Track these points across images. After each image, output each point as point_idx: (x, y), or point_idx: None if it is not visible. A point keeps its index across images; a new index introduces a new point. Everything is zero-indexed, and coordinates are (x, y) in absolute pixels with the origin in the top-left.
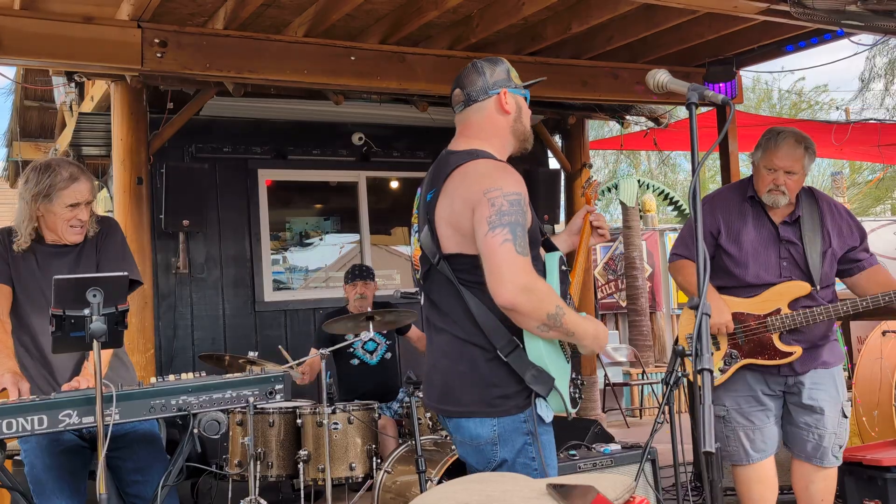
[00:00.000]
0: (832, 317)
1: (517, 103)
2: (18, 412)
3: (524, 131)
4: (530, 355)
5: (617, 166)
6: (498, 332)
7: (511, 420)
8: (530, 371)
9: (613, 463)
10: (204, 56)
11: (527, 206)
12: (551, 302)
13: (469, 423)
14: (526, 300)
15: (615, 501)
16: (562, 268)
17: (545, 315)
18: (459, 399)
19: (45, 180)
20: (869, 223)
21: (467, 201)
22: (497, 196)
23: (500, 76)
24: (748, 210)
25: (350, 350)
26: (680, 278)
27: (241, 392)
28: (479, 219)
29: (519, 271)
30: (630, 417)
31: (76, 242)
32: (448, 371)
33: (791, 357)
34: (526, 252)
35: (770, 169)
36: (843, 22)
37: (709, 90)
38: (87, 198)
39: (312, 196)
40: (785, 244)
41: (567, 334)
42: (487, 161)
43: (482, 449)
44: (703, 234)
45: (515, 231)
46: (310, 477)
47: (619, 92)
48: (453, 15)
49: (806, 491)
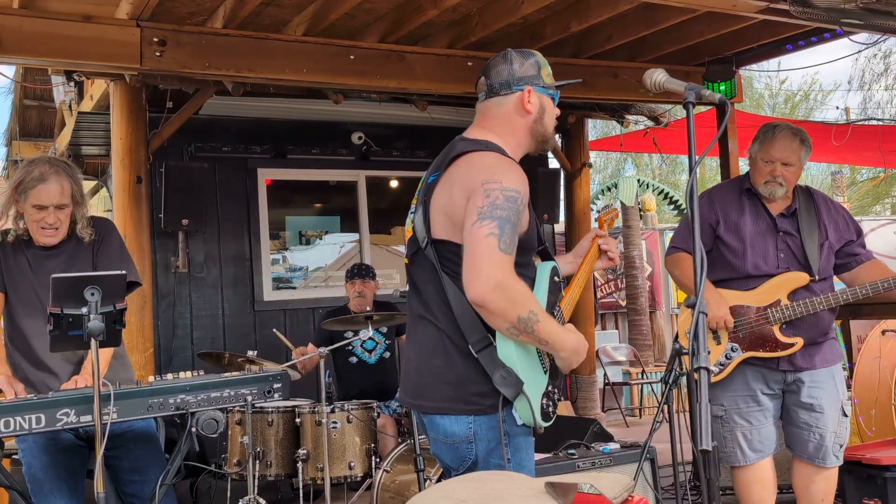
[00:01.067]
0: (832, 305)
1: (541, 104)
2: (16, 411)
3: (544, 133)
4: (500, 354)
5: (620, 165)
6: (473, 326)
7: (487, 419)
8: (499, 371)
9: (612, 462)
10: (203, 55)
11: (524, 207)
12: (524, 306)
13: (444, 420)
14: (497, 298)
15: (614, 500)
16: (554, 279)
17: (516, 318)
18: (434, 395)
19: (19, 175)
20: (869, 222)
21: (465, 190)
22: (495, 188)
23: (529, 72)
24: (745, 202)
25: (349, 348)
26: (677, 271)
27: (240, 391)
28: (470, 208)
29: (496, 268)
30: (629, 417)
31: (48, 245)
32: (423, 365)
33: (793, 348)
34: (509, 251)
35: (767, 161)
36: (842, 21)
37: (706, 89)
38: (54, 201)
39: (312, 195)
40: (783, 235)
41: (540, 342)
42: (495, 154)
43: (457, 447)
44: (702, 227)
45: (504, 227)
46: (309, 476)
47: (619, 91)
48: (452, 14)
49: (806, 491)
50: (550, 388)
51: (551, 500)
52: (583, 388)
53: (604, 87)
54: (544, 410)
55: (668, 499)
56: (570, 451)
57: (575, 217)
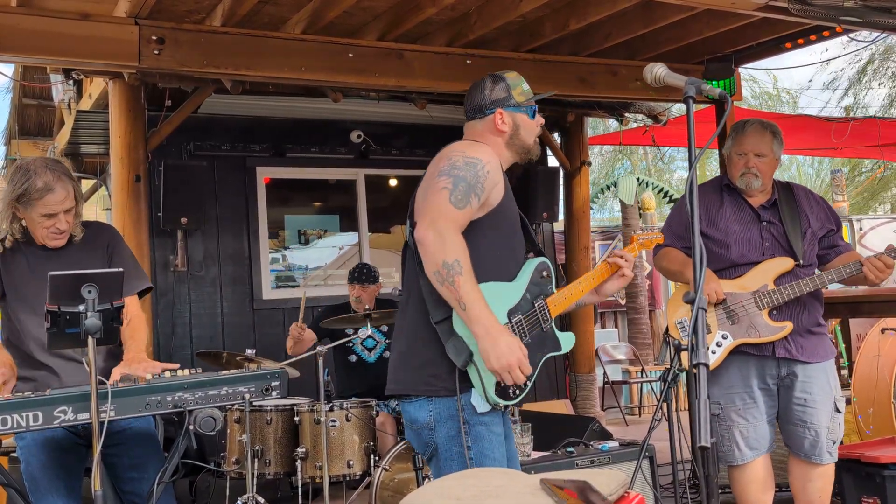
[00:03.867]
0: (818, 286)
1: (514, 122)
2: (13, 408)
3: (521, 146)
4: (455, 325)
5: (615, 164)
6: (438, 301)
7: (445, 403)
8: (451, 340)
9: (611, 460)
10: (201, 53)
11: (489, 177)
12: (451, 254)
13: (410, 406)
14: (433, 239)
15: (609, 497)
16: (542, 273)
17: (441, 261)
18: (400, 378)
19: (20, 187)
20: (868, 221)
21: (433, 164)
22: (457, 155)
23: (498, 95)
24: (725, 197)
25: (349, 346)
26: (665, 262)
27: (237, 389)
28: (432, 170)
29: (441, 215)
30: (629, 415)
31: (56, 248)
32: (395, 351)
33: (783, 332)
34: (460, 206)
35: (741, 154)
36: (841, 18)
37: (706, 84)
38: (63, 206)
39: (311, 194)
40: (766, 225)
41: (457, 300)
42: (467, 140)
43: (420, 433)
44: (685, 226)
45: (458, 185)
46: (308, 474)
47: (618, 89)
48: (451, 12)
49: (803, 489)
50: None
51: (547, 496)
52: (582, 387)
53: (603, 86)
54: (503, 388)
55: (668, 497)
56: (568, 450)
57: (574, 215)
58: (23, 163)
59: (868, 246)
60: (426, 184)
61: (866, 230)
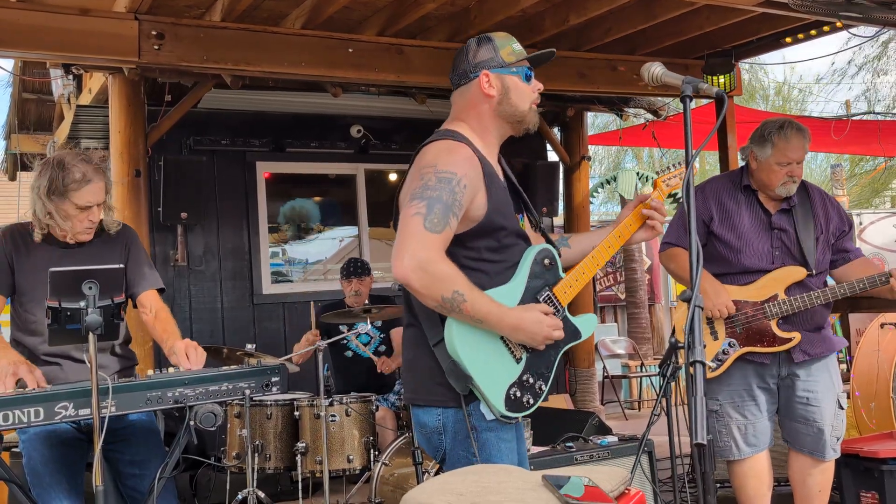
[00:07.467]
0: (829, 299)
1: (503, 85)
2: (14, 404)
3: (514, 113)
4: (448, 349)
5: (620, 157)
6: (431, 320)
7: (454, 412)
8: (447, 364)
9: (610, 455)
10: (201, 48)
11: (466, 189)
12: (447, 287)
13: (419, 410)
14: (418, 278)
15: (610, 493)
16: (543, 262)
17: (439, 297)
18: (410, 386)
19: (57, 179)
20: (868, 215)
21: (409, 179)
22: (429, 172)
23: (484, 56)
24: (742, 198)
25: (344, 342)
26: (673, 265)
27: (238, 384)
28: (405, 192)
29: (420, 247)
30: (629, 410)
31: (83, 241)
32: (403, 356)
33: (790, 343)
34: (437, 229)
35: (785, 163)
36: (842, 14)
37: (703, 83)
38: (99, 199)
39: (311, 189)
40: (777, 233)
41: (474, 321)
42: (445, 141)
43: (430, 437)
44: (695, 224)
45: (432, 207)
46: (308, 469)
47: (618, 84)
48: (451, 7)
49: (803, 484)
50: (526, 377)
51: (547, 493)
52: (581, 381)
53: (602, 81)
54: (515, 400)
55: (666, 492)
56: (568, 444)
57: (574, 210)
58: (54, 157)
59: (868, 241)
60: (406, 190)
61: (866, 225)
